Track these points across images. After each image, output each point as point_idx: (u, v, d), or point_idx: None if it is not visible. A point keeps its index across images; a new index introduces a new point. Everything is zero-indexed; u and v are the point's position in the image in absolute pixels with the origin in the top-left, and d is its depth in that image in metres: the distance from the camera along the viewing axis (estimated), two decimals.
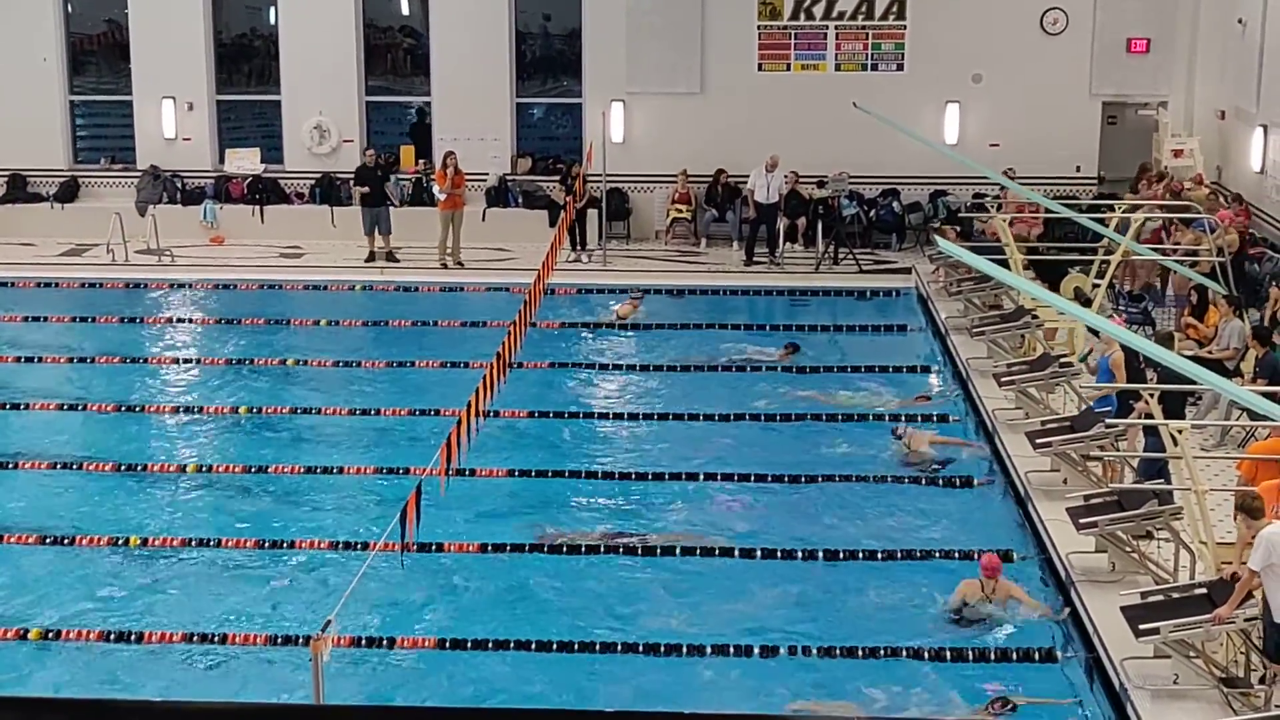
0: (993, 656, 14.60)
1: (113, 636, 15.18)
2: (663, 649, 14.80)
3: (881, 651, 14.68)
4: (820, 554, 16.78)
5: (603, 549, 16.95)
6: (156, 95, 32.25)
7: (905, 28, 30.94)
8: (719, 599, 15.98)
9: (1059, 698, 13.88)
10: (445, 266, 28.96)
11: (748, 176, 29.76)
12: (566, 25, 32.32)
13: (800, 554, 16.79)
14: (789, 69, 31.16)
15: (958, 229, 27.77)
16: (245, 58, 33.55)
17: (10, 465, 19.65)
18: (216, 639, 15.12)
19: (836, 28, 30.96)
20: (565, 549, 16.94)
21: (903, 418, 20.91)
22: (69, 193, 32.47)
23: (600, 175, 29.60)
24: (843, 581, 16.34)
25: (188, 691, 14.15)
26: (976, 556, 16.14)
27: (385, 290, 28.07)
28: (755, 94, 31.07)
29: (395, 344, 24.89)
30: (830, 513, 18.18)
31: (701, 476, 18.94)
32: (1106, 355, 18.55)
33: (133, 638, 15.16)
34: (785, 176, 29.70)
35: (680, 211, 30.95)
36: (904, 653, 14.64)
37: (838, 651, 14.70)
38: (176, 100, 32.23)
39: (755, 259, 29.43)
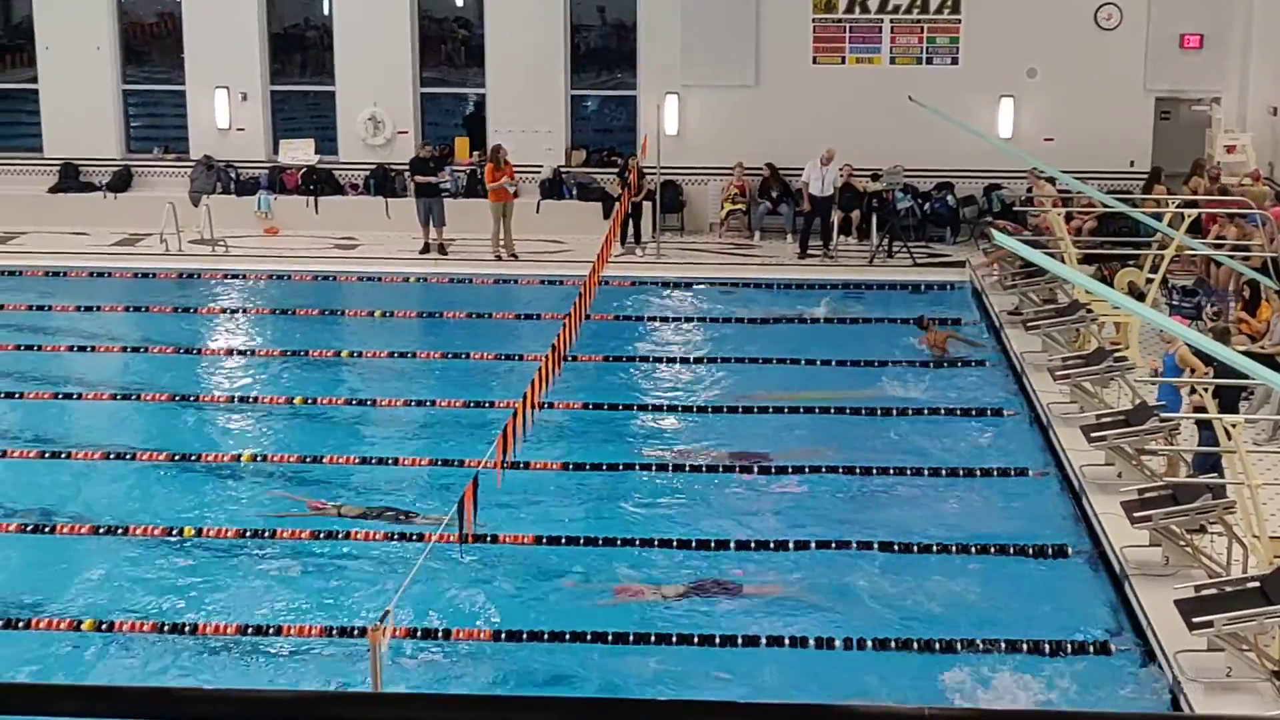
0: (1047, 650, 14.55)
1: (167, 628, 15.19)
2: (717, 640, 14.80)
3: (936, 645, 14.65)
4: (875, 545, 16.76)
5: (657, 542, 16.95)
6: (210, 85, 32.37)
7: (960, 22, 30.85)
8: (774, 590, 15.97)
9: None
10: (500, 259, 29.01)
11: (802, 170, 29.71)
12: (621, 17, 32.33)
13: (855, 544, 16.78)
14: (843, 62, 31.12)
15: (1014, 225, 27.69)
16: (299, 48, 33.65)
17: (64, 455, 19.66)
18: (272, 630, 15.16)
19: (891, 21, 30.90)
20: (620, 542, 16.93)
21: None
22: (122, 182, 32.62)
23: (655, 168, 29.61)
24: (898, 573, 16.32)
25: (243, 683, 14.20)
26: (1030, 551, 16.20)
27: (439, 282, 28.11)
28: (810, 87, 31.02)
29: (450, 335, 24.94)
30: (885, 505, 18.17)
31: (756, 469, 18.92)
32: (1171, 352, 18.47)
33: (187, 629, 15.20)
34: (840, 170, 29.66)
35: (735, 204, 30.94)
36: (959, 645, 14.62)
37: (893, 644, 14.69)
38: (230, 90, 32.33)
39: (809, 252, 29.39)
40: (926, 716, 3.96)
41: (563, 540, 16.89)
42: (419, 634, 14.88)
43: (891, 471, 18.90)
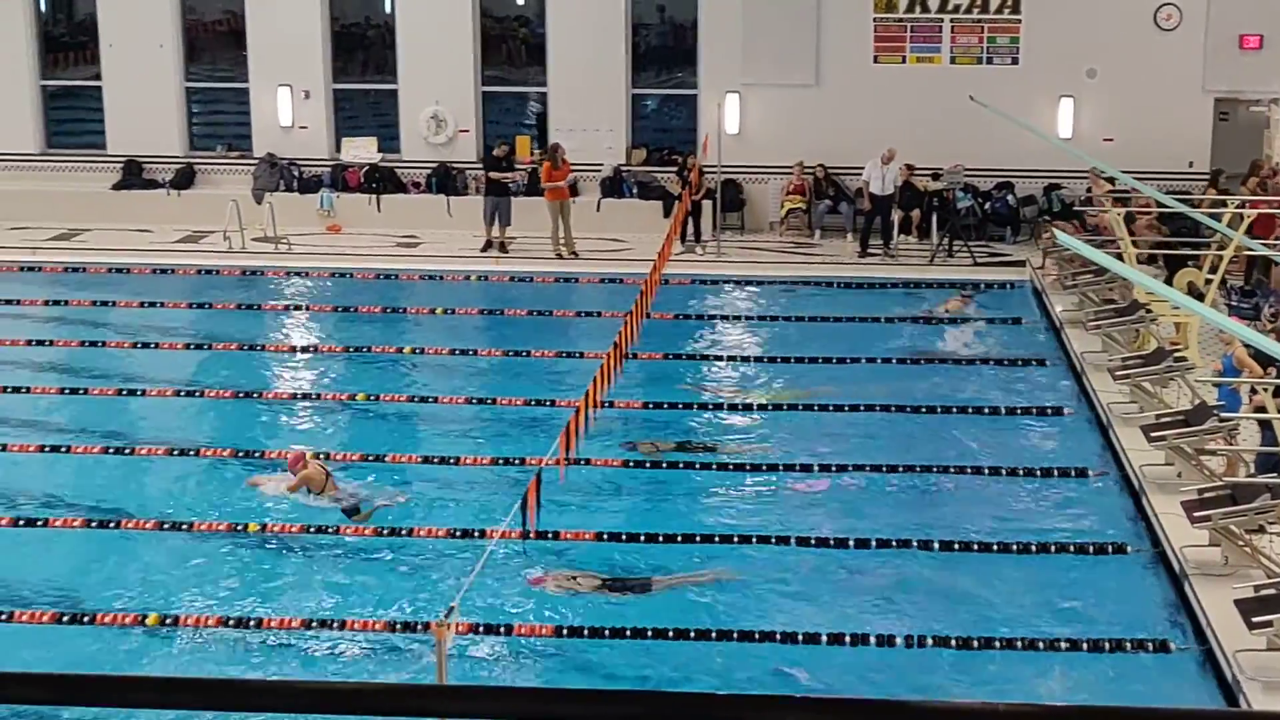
0: (1106, 647, 14.56)
1: (232, 622, 15.31)
2: (778, 636, 14.86)
3: (997, 643, 14.68)
4: (935, 544, 16.80)
5: (717, 539, 17.02)
6: (272, 83, 32.58)
7: (1020, 21, 30.82)
8: (835, 588, 16.02)
9: None
10: (560, 257, 29.14)
11: (862, 169, 29.72)
12: (682, 16, 32.41)
13: (915, 543, 16.81)
14: (904, 61, 31.13)
15: (1075, 223, 27.66)
16: (361, 46, 33.84)
17: (127, 451, 19.82)
18: (336, 625, 15.28)
19: (952, 21, 30.89)
20: (680, 538, 17.00)
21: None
22: (185, 179, 32.86)
23: (715, 166, 29.66)
24: (958, 571, 16.36)
25: (309, 677, 14.31)
26: (1089, 550, 16.24)
27: (500, 280, 28.23)
28: (870, 86, 31.03)
29: (511, 333, 25.07)
30: (944, 503, 18.20)
31: (816, 467, 18.96)
32: (1230, 354, 18.43)
33: (252, 624, 15.32)
34: (900, 169, 29.68)
35: (795, 203, 30.98)
36: (1019, 644, 14.64)
37: (954, 641, 14.72)
38: (293, 88, 32.55)
39: (869, 250, 29.41)
40: (1001, 712, 3.93)
41: (623, 537, 16.96)
42: (481, 629, 14.98)
43: (951, 470, 18.92)
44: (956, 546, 16.79)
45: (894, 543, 16.80)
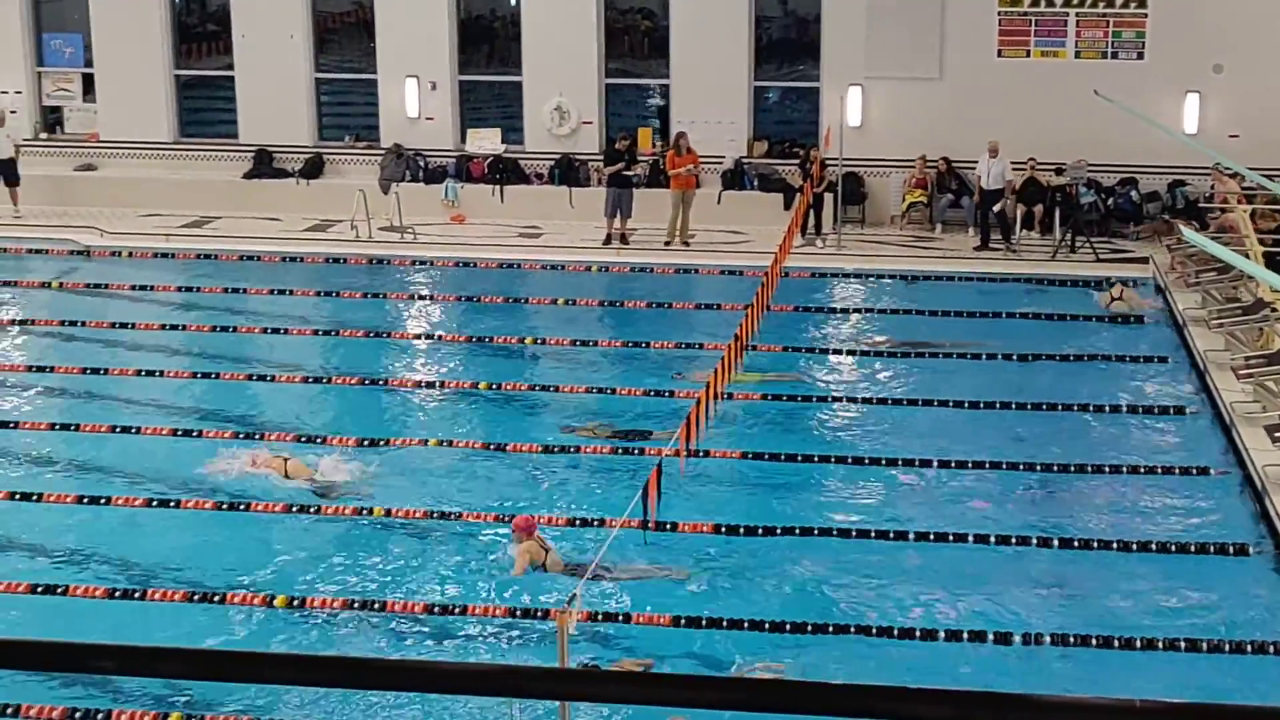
0: (1227, 648, 14.55)
1: (357, 605, 15.60)
2: (895, 632, 14.95)
3: (1115, 641, 14.68)
4: (1055, 542, 16.81)
5: (835, 531, 17.10)
6: (400, 74, 32.89)
7: (1146, 15, 30.53)
8: (952, 584, 16.07)
9: None
10: (668, 244, 29.30)
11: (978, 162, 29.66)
12: (805, 9, 32.42)
13: (1014, 540, 16.83)
14: (1028, 55, 30.96)
15: (1195, 224, 27.44)
16: (487, 38, 34.08)
17: (257, 435, 20.18)
18: (458, 610, 15.51)
19: (1077, 15, 30.67)
20: (798, 531, 17.09)
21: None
22: (314, 169, 33.26)
23: (837, 159, 29.64)
24: (1077, 570, 16.37)
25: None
26: (1210, 549, 16.22)
27: (621, 271, 28.39)
28: (994, 80, 30.88)
29: (631, 324, 25.24)
30: (1065, 502, 18.19)
31: (936, 462, 18.99)
32: None
33: (376, 606, 15.59)
34: (1026, 162, 29.53)
35: (917, 197, 30.93)
36: (1138, 642, 14.64)
37: (1073, 639, 14.73)
38: (420, 79, 32.86)
39: (992, 245, 29.30)
40: (1138, 708, 3.98)
41: (740, 530, 17.07)
42: (599, 617, 15.15)
43: (1071, 468, 18.88)
44: (1076, 544, 16.79)
45: (1013, 540, 16.82)
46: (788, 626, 15.01)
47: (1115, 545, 16.73)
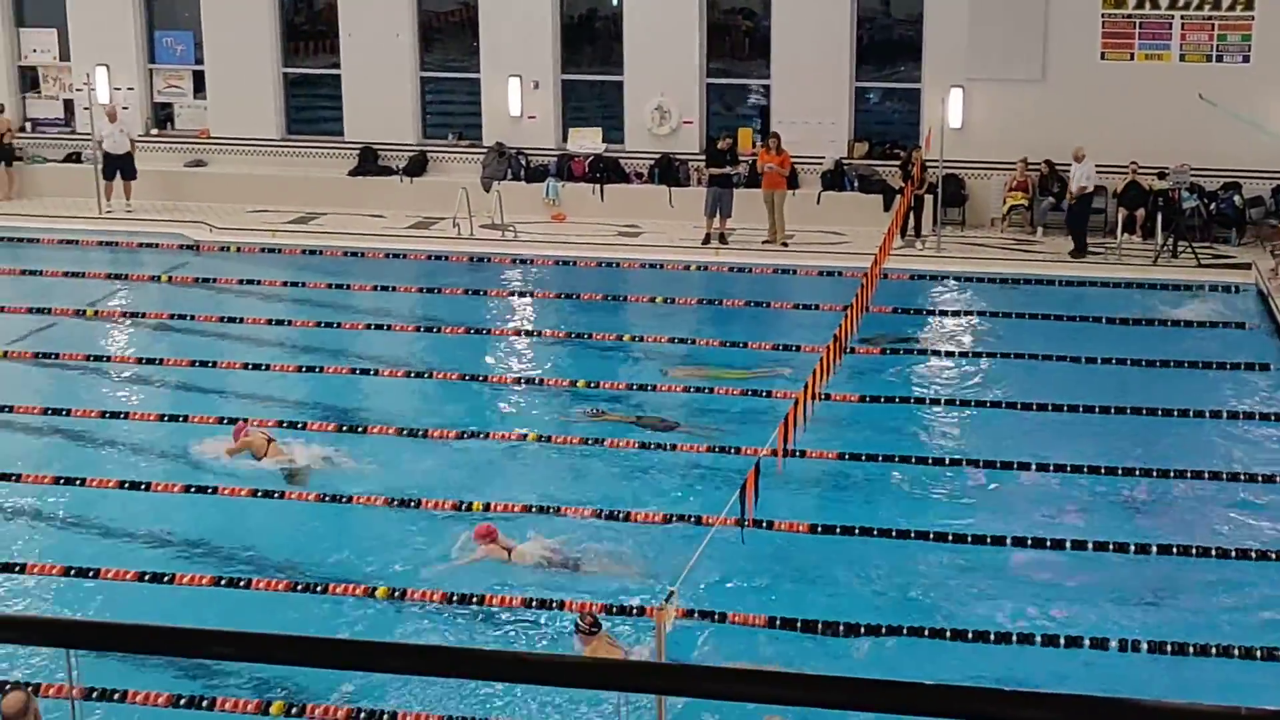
0: None
1: (456, 599, 15.81)
2: (992, 636, 14.98)
3: (1213, 649, 14.65)
4: (1132, 547, 16.78)
5: (931, 535, 17.14)
6: (503, 73, 33.16)
7: (1253, 19, 30.31)
8: (1049, 590, 16.10)
9: None
10: (765, 243, 29.44)
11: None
12: (907, 10, 32.42)
13: (1111, 546, 16.82)
14: (1132, 58, 30.80)
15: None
16: (589, 38, 34.29)
17: (360, 429, 20.47)
18: (555, 604, 15.68)
19: (1182, 18, 30.49)
20: (894, 534, 17.14)
21: None
22: (418, 167, 33.59)
23: (937, 161, 29.61)
24: (1174, 578, 16.34)
25: None
26: None
27: (719, 271, 28.50)
28: (1097, 82, 30.73)
29: (728, 324, 25.35)
30: (1165, 508, 18.15)
31: (1034, 466, 18.98)
32: None
33: (474, 600, 15.79)
34: (1128, 166, 29.42)
35: (1018, 199, 30.85)
36: (1235, 651, 14.61)
37: (1191, 649, 14.67)
38: (523, 78, 33.09)
39: (1092, 250, 29.16)
40: (1243, 715, 3.94)
41: (837, 530, 17.14)
42: (696, 615, 15.27)
43: (1170, 474, 18.75)
44: (1175, 551, 16.75)
45: (1110, 546, 16.80)
46: (883, 629, 15.06)
47: (1214, 552, 16.66)
